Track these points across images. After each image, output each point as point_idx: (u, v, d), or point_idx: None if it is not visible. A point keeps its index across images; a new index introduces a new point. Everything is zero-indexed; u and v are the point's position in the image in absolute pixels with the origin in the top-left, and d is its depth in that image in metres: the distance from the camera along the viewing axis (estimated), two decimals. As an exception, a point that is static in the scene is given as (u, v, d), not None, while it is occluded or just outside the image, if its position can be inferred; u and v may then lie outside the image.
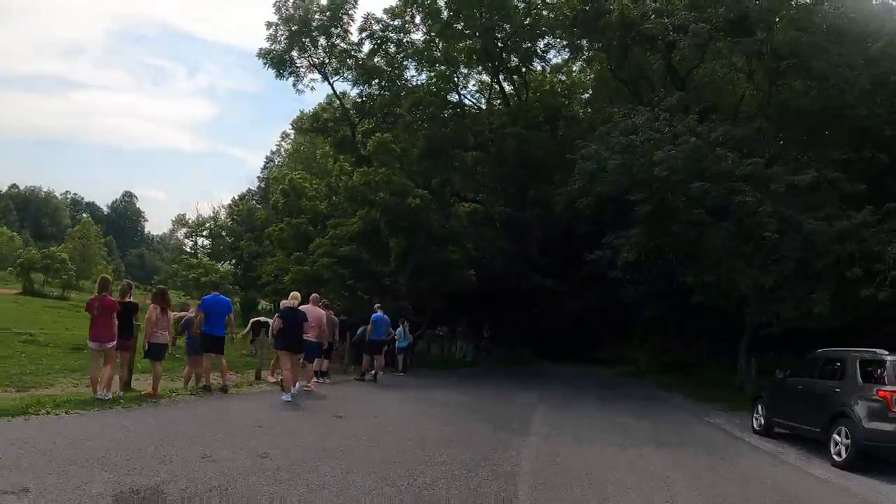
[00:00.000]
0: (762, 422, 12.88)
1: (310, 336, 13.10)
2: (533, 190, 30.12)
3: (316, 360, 14.46)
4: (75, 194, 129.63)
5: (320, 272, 22.00)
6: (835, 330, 16.57)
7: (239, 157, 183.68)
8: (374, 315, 16.96)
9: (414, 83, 32.43)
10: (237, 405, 11.07)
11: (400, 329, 19.67)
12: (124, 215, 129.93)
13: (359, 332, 18.14)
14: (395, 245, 22.57)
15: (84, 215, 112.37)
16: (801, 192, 17.74)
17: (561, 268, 30.04)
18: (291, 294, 13.14)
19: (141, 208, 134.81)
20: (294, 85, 32.29)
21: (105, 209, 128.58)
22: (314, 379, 14.45)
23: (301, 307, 13.49)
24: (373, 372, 16.62)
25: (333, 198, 29.30)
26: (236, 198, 65.00)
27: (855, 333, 16.27)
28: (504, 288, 28.32)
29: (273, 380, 14.35)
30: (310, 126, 33.24)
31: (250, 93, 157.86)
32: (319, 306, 14.89)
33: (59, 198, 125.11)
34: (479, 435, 9.85)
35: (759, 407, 13.10)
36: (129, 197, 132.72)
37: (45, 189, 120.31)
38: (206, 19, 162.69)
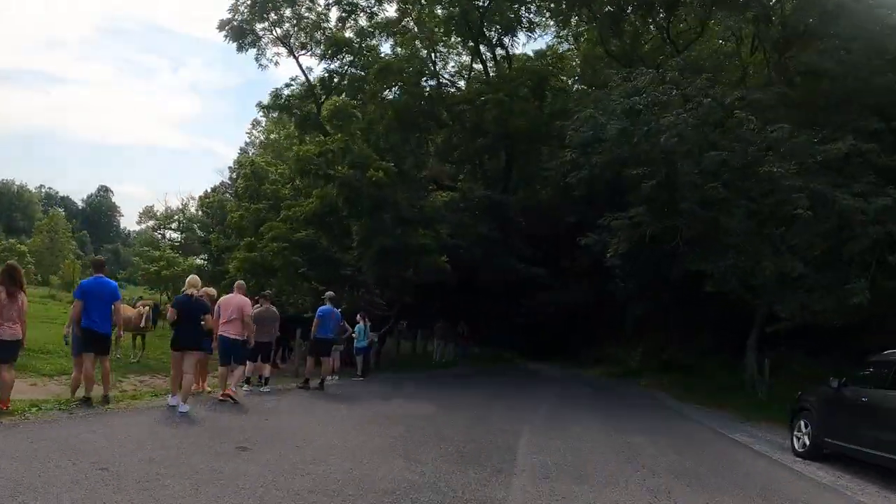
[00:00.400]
0: (807, 442, 10.07)
1: (229, 332, 10.59)
2: (516, 170, 27.11)
3: (249, 363, 11.95)
4: (49, 188, 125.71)
5: (270, 259, 18.87)
6: (837, 325, 15.25)
7: (225, 153, 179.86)
8: (320, 308, 13.87)
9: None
10: (107, 427, 8.04)
11: (359, 326, 16.67)
12: (99, 210, 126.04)
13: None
14: (359, 228, 19.36)
15: (59, 209, 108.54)
16: (829, 164, 15.50)
17: (551, 259, 27.23)
18: (189, 279, 10.17)
19: (117, 203, 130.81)
20: (257, 59, 29.51)
21: (80, 204, 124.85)
22: (245, 387, 11.95)
23: (226, 296, 11.41)
24: (319, 378, 13.64)
25: (297, 181, 26.33)
26: (209, 190, 62.09)
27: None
28: (485, 279, 25.26)
29: (196, 387, 11.45)
30: (272, 103, 30.14)
31: (239, 88, 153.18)
32: (264, 300, 13.17)
33: (33, 192, 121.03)
34: (445, 479, 6.79)
35: (802, 423, 10.29)
36: (104, 191, 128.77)
37: (17, 183, 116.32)
38: (205, 19, 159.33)
